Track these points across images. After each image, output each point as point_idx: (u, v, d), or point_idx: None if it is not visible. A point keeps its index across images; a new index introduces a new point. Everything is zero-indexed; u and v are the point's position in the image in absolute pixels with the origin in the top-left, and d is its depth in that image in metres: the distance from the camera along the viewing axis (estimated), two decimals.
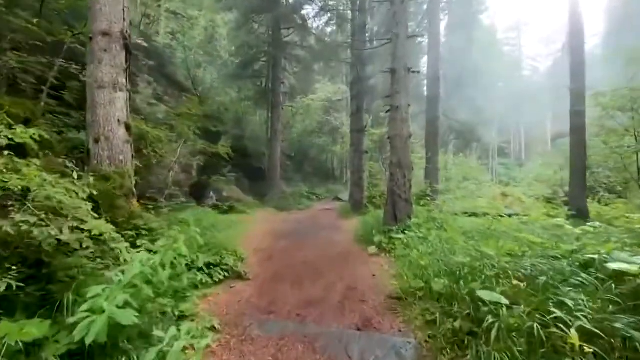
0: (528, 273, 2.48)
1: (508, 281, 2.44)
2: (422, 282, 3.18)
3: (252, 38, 16.20)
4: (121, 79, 4.27)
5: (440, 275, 3.02)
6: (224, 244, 4.94)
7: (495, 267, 2.74)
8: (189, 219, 5.08)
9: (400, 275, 4.09)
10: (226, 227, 8.19)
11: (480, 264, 2.87)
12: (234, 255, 4.54)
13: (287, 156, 23.06)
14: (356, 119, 13.02)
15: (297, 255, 5.66)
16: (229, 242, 5.49)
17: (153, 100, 11.71)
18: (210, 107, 16.03)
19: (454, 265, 3.03)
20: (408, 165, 6.72)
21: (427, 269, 3.29)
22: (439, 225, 6.69)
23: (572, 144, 9.92)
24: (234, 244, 6.20)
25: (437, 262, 3.42)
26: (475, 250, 3.52)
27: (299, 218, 11.98)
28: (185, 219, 4.94)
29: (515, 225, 7.51)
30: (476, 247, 3.61)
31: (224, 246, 4.79)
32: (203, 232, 4.79)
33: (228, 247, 4.94)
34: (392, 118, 6.71)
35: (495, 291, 2.31)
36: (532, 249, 3.25)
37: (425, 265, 3.32)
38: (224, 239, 5.76)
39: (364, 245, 6.44)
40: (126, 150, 4.28)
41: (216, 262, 4.11)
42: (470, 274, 2.75)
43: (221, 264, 4.13)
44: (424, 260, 3.53)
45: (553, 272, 2.41)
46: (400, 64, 6.62)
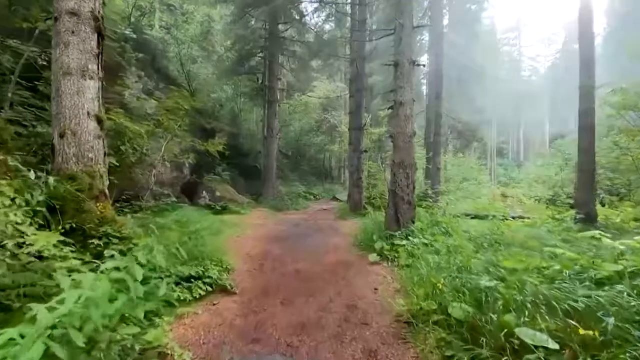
0: (580, 307, 2.00)
1: (553, 316, 1.96)
2: (435, 304, 2.71)
3: (248, 32, 15.66)
4: (91, 65, 3.75)
5: (459, 297, 2.54)
6: (210, 250, 4.45)
7: (529, 292, 2.26)
8: (171, 223, 4.57)
9: (407, 291, 3.62)
10: (216, 230, 7.68)
11: (508, 286, 2.39)
12: (219, 265, 4.05)
13: (284, 155, 22.57)
14: (355, 116, 12.53)
15: (291, 262, 5.18)
16: (216, 248, 5.00)
17: (143, 95, 11.19)
18: (205, 104, 15.52)
19: (474, 286, 2.55)
20: (411, 165, 6.25)
21: (439, 287, 2.81)
22: (444, 230, 6.23)
23: (581, 144, 9.47)
24: (223, 249, 5.71)
25: (451, 280, 2.94)
26: (495, 266, 3.05)
27: (295, 219, 11.50)
28: (167, 224, 4.43)
29: (526, 231, 7.11)
30: (495, 262, 3.14)
31: (210, 253, 4.29)
32: (189, 237, 4.30)
33: (215, 254, 4.45)
34: (395, 114, 6.23)
35: (539, 330, 1.83)
36: (564, 265, 2.78)
37: (438, 282, 2.84)
38: (212, 244, 5.26)
39: (364, 252, 5.97)
40: (97, 147, 3.77)
41: (198, 273, 3.61)
42: (499, 301, 2.27)
43: (204, 276, 3.64)
44: (435, 277, 3.05)
45: (618, 308, 1.93)
46: (404, 56, 6.13)
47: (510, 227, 7.59)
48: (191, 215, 8.35)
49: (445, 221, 6.98)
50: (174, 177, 11.74)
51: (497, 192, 24.92)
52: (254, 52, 17.35)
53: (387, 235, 5.97)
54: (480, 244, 5.73)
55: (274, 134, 16.09)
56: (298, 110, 23.96)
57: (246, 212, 12.34)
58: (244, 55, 16.97)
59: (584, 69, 9.49)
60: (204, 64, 17.61)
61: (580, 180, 9.57)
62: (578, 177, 9.80)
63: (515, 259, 2.99)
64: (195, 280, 3.53)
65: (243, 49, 16.77)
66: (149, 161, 5.61)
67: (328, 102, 25.89)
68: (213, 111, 17.35)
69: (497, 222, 8.16)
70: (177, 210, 8.84)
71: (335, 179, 27.65)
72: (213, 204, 12.25)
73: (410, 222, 6.17)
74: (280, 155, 20.80)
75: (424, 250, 4.94)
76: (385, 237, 5.96)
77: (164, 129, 6.08)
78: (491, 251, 5.39)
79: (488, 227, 8.33)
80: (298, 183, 20.99)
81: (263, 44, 16.74)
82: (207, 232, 6.75)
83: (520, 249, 5.46)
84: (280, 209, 14.04)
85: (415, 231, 5.89)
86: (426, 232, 6.07)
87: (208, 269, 3.75)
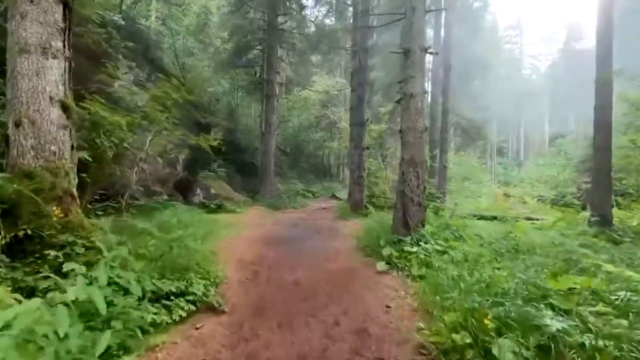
0: None
1: None
2: (469, 337, 2.17)
3: (246, 22, 15.01)
4: (55, 42, 3.17)
5: (506, 333, 2.00)
6: (198, 258, 3.88)
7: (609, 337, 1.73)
8: (154, 227, 4.00)
9: (426, 311, 3.08)
10: (208, 231, 7.12)
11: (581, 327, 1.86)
12: (206, 277, 3.48)
13: (282, 151, 21.99)
14: (357, 111, 11.95)
15: (289, 270, 4.63)
16: (205, 255, 4.44)
17: (134, 87, 10.57)
18: (200, 97, 14.92)
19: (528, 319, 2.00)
20: (422, 164, 5.70)
21: (476, 317, 2.26)
22: (457, 234, 5.70)
23: (597, 141, 8.96)
24: (212, 256, 5.16)
25: (489, 305, 2.39)
26: (537, 287, 2.52)
27: (293, 218, 10.95)
28: (148, 229, 3.86)
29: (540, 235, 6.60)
30: (536, 280, 2.60)
31: (197, 261, 3.72)
32: (170, 245, 3.74)
33: (203, 262, 3.89)
34: (405, 108, 5.66)
35: None
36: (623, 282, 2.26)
37: (472, 309, 2.30)
38: (201, 250, 4.71)
39: (370, 258, 5.43)
40: (62, 138, 3.19)
41: (180, 289, 3.05)
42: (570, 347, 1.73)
43: (187, 292, 3.07)
44: (464, 300, 2.50)
45: None
46: (415, 43, 5.56)
47: (523, 230, 7.09)
48: (182, 215, 7.80)
49: (456, 224, 6.46)
50: (166, 173, 11.14)
51: (499, 192, 24.49)
52: (252, 44, 16.73)
53: (395, 240, 5.42)
54: (499, 251, 5.21)
55: (272, 129, 15.50)
56: (297, 106, 23.37)
57: (242, 211, 11.79)
58: (242, 47, 16.35)
59: (601, 63, 8.97)
60: (199, 56, 16.97)
61: (595, 180, 9.07)
62: (593, 177, 9.31)
63: (560, 277, 2.45)
64: (177, 297, 2.96)
65: (241, 41, 16.14)
66: (131, 156, 5.03)
67: (328, 98, 25.30)
68: (209, 105, 16.72)
69: (508, 225, 7.68)
70: (168, 210, 8.27)
71: (335, 176, 27.11)
72: (208, 202, 11.71)
73: (420, 226, 5.63)
74: (279, 152, 20.23)
75: (439, 259, 4.41)
76: (393, 241, 5.42)
77: (150, 121, 5.48)
78: (510, 258, 4.89)
79: (499, 229, 7.83)
80: (296, 181, 20.44)
81: (261, 36, 16.11)
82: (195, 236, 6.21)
83: (544, 256, 4.95)
84: (278, 207, 13.50)
85: (427, 235, 5.35)
86: (438, 236, 5.54)
87: (192, 283, 3.19)
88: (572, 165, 23.23)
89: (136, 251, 3.20)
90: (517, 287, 2.60)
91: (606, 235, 7.64)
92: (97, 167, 4.22)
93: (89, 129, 4.13)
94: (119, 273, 2.69)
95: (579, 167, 21.92)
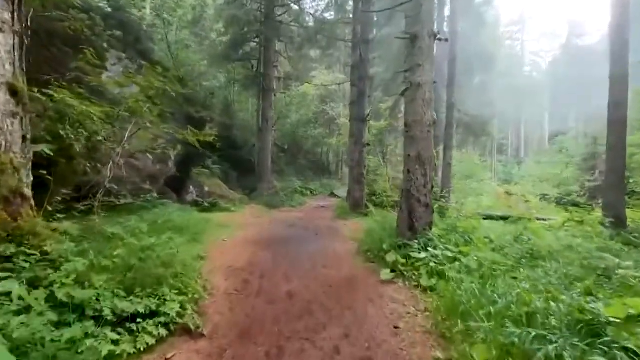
0: None
1: None
2: None
3: (242, 13, 14.42)
4: (2, 13, 2.65)
5: None
6: (178, 266, 3.38)
7: None
8: (129, 231, 3.49)
9: (442, 334, 2.60)
10: (199, 232, 6.64)
11: None
12: (184, 292, 2.97)
13: (280, 148, 21.46)
14: (358, 106, 11.43)
15: (283, 279, 4.14)
16: (189, 261, 3.95)
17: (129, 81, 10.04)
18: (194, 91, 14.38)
19: None
20: (430, 161, 5.21)
21: (512, 353, 1.78)
22: (467, 238, 5.22)
23: (610, 139, 8.48)
24: (200, 261, 4.69)
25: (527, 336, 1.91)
26: (580, 310, 2.04)
27: (290, 218, 10.46)
28: (118, 233, 3.36)
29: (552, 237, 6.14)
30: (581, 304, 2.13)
31: (175, 271, 3.22)
32: (140, 256, 3.24)
33: (184, 270, 3.40)
34: (411, 99, 5.15)
35: None
36: None
37: (510, 344, 1.82)
38: (184, 255, 4.21)
39: (372, 264, 4.95)
40: (9, 129, 2.68)
41: (150, 308, 2.54)
42: None
43: (159, 311, 2.58)
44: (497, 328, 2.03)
45: None
46: (424, 28, 5.04)
47: (535, 232, 6.63)
48: (172, 214, 7.32)
49: (465, 226, 5.98)
50: (157, 170, 10.60)
51: (500, 190, 24.03)
52: (249, 37, 16.15)
53: (399, 244, 4.94)
54: (514, 257, 4.74)
55: (270, 125, 14.97)
56: (295, 102, 22.80)
57: (237, 210, 11.31)
58: (238, 40, 15.76)
59: (616, 58, 8.47)
60: (193, 49, 16.38)
61: (608, 179, 8.60)
62: (606, 177, 8.84)
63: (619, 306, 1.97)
64: (145, 319, 2.46)
65: (237, 33, 15.56)
66: (106, 151, 4.50)
67: (327, 94, 24.75)
68: (205, 100, 16.16)
69: (520, 226, 7.22)
70: (158, 209, 7.79)
71: (333, 174, 26.62)
72: (201, 201, 11.22)
73: (427, 228, 5.15)
74: (276, 149, 19.73)
75: (451, 268, 3.92)
76: (397, 246, 4.94)
77: (131, 113, 4.96)
78: (528, 266, 4.42)
79: (508, 231, 7.37)
80: (294, 178, 19.94)
81: (258, 28, 15.52)
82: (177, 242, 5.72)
83: (565, 263, 4.49)
84: (274, 205, 13.01)
85: (434, 239, 4.87)
86: (446, 240, 5.06)
87: (166, 300, 2.69)
88: (574, 163, 22.84)
89: (100, 262, 2.70)
90: (557, 310, 2.11)
91: (622, 238, 7.18)
92: (66, 163, 3.71)
93: (55, 119, 3.61)
94: (69, 292, 2.20)
95: (582, 165, 21.54)
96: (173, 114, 10.77)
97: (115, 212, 6.53)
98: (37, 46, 6.29)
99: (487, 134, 14.64)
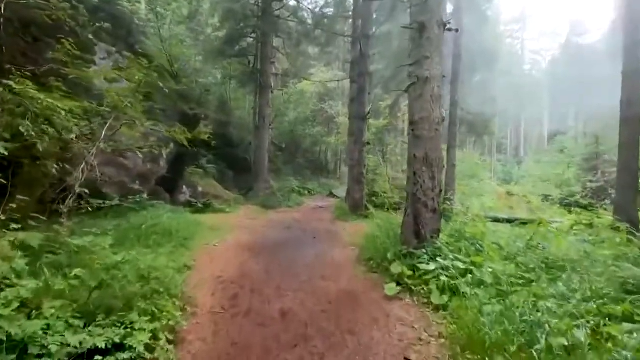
0: None
1: None
2: None
3: (238, 7, 13.93)
4: None
5: None
6: (154, 283, 2.95)
7: None
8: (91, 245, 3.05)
9: None
10: (188, 237, 6.21)
11: None
12: (157, 318, 2.53)
13: (277, 146, 20.99)
14: (358, 103, 11.00)
15: (276, 295, 3.72)
16: (171, 273, 3.53)
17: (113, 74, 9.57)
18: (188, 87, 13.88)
19: None
20: (438, 162, 4.79)
21: None
22: (478, 246, 4.81)
23: (622, 138, 8.10)
24: (185, 271, 4.26)
25: None
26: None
27: (287, 219, 10.03)
28: (84, 245, 2.92)
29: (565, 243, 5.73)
30: None
31: (151, 290, 2.80)
32: (125, 262, 2.81)
33: (163, 287, 2.97)
34: (418, 95, 4.72)
35: None
36: None
37: None
38: (168, 265, 3.79)
39: (376, 275, 4.54)
40: None
41: (112, 341, 2.11)
42: None
43: (124, 345, 2.14)
44: None
45: None
46: (433, 17, 4.61)
47: (545, 237, 6.23)
48: (162, 217, 6.89)
49: (474, 232, 5.56)
50: (147, 169, 10.11)
51: (501, 191, 23.67)
52: (246, 32, 15.66)
53: (405, 253, 4.52)
54: (530, 268, 4.33)
55: (267, 123, 14.50)
56: (293, 100, 22.31)
57: (232, 211, 10.87)
58: (234, 35, 15.26)
59: (630, 53, 8.08)
60: (188, 44, 15.86)
61: (621, 180, 8.22)
62: (618, 177, 8.46)
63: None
64: (105, 356, 2.04)
65: (233, 28, 15.06)
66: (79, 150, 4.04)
67: (325, 91, 24.31)
68: (200, 97, 15.66)
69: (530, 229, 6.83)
70: (146, 211, 7.36)
71: (332, 173, 26.18)
72: (194, 201, 10.78)
73: (435, 235, 4.73)
74: (273, 147, 19.26)
75: (464, 282, 3.51)
76: (403, 255, 4.52)
77: (112, 109, 4.51)
78: (548, 279, 4.01)
79: (516, 234, 6.99)
80: (292, 177, 19.49)
81: (255, 23, 15.04)
82: (170, 241, 5.30)
83: (586, 274, 4.08)
84: (271, 206, 12.57)
85: (443, 248, 4.45)
86: (454, 248, 4.65)
87: (134, 330, 2.26)
88: (575, 163, 22.52)
89: (54, 284, 2.26)
90: None
91: (637, 243, 6.80)
92: (29, 164, 3.26)
93: (18, 114, 3.16)
94: (4, 326, 1.76)
95: (583, 165, 21.21)
96: (165, 110, 10.30)
97: (98, 216, 6.10)
98: (13, 35, 5.83)
99: (489, 133, 14.22)
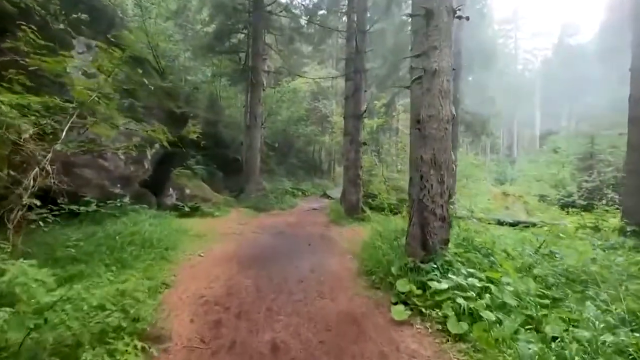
0: None
1: None
2: None
3: (228, 0, 13.33)
4: None
5: None
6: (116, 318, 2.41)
7: None
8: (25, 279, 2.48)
9: None
10: (171, 246, 5.64)
11: None
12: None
13: (270, 146, 20.38)
14: (353, 101, 10.51)
15: (266, 321, 3.19)
16: (142, 297, 2.98)
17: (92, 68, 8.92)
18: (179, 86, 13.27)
19: None
20: (447, 165, 4.31)
21: None
22: (492, 259, 4.34)
23: (631, 138, 7.75)
24: (159, 292, 3.71)
25: None
26: None
27: (279, 224, 9.48)
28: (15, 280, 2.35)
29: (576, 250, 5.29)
30: None
31: (116, 325, 2.26)
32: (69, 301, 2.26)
33: (125, 321, 2.43)
34: (425, 89, 4.23)
35: None
36: None
37: None
38: (140, 286, 3.24)
39: (379, 291, 4.03)
40: None
41: None
42: None
43: None
44: None
45: None
46: (441, 3, 4.13)
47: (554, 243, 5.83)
48: (142, 224, 6.30)
49: (482, 240, 5.11)
50: (130, 171, 9.46)
51: (497, 191, 23.44)
52: (236, 27, 15.06)
53: (411, 267, 4.02)
54: (550, 283, 3.88)
55: (258, 122, 13.91)
56: (286, 98, 21.74)
57: (221, 214, 10.28)
58: (225, 30, 14.66)
59: (638, 50, 7.74)
60: (175, 40, 15.21)
61: (630, 182, 7.86)
62: (627, 179, 8.10)
63: None
64: None
65: (223, 23, 14.45)
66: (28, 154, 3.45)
67: (319, 90, 23.79)
68: (188, 94, 15.00)
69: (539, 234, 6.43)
70: (127, 217, 6.76)
71: (325, 173, 25.69)
72: (181, 205, 10.13)
73: (443, 245, 4.25)
74: (266, 147, 18.68)
75: (483, 304, 3.03)
76: (409, 268, 4.02)
77: (78, 104, 3.94)
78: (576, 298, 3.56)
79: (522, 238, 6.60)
80: (285, 178, 18.93)
81: (246, 18, 14.46)
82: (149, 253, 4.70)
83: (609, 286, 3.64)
84: (263, 208, 12.00)
85: (454, 262, 3.97)
86: (465, 259, 4.18)
87: None
88: (570, 162, 22.37)
89: None
90: None
91: None
92: None
93: None
94: None
95: (578, 165, 21.04)
96: (150, 108, 9.68)
97: (73, 223, 5.51)
98: None
99: (487, 133, 13.86)
